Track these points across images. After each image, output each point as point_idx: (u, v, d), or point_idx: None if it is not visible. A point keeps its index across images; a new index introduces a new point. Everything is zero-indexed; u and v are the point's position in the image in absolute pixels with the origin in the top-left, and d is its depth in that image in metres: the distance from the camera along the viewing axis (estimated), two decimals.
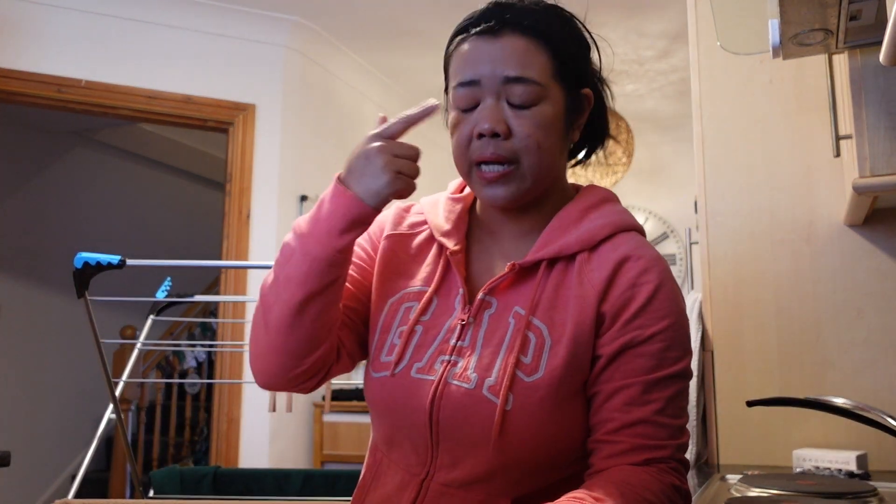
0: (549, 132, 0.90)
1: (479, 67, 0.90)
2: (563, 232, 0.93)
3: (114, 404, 1.79)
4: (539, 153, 0.90)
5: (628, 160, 3.85)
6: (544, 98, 0.90)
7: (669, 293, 0.89)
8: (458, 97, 0.91)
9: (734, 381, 1.65)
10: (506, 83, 0.89)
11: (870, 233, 1.60)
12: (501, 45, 0.90)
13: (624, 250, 0.91)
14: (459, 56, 0.93)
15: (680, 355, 0.88)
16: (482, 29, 0.91)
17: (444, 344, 0.92)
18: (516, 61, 0.89)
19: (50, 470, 4.63)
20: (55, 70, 3.03)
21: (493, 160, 0.89)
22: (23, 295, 4.54)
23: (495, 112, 0.89)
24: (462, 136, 0.92)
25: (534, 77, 0.89)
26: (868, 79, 1.13)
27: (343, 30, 3.53)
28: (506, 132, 0.88)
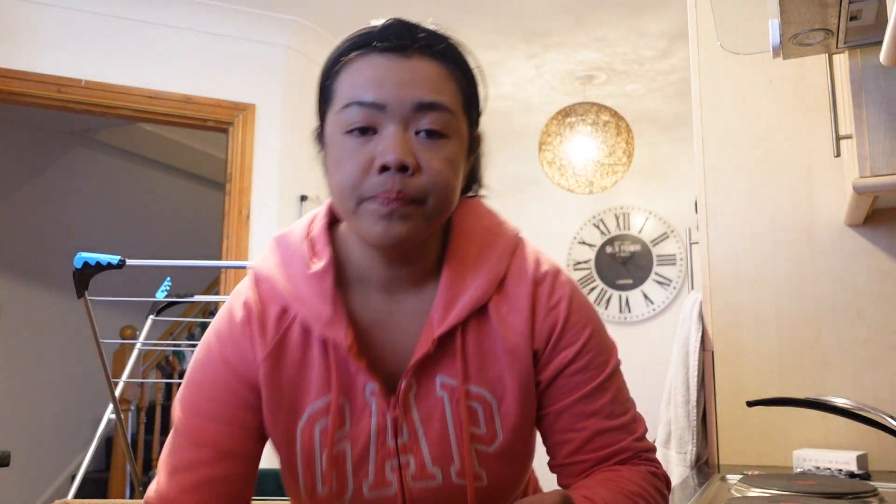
0: (456, 170, 0.80)
1: (384, 87, 0.76)
2: (462, 280, 0.83)
3: (114, 404, 1.79)
4: (445, 193, 0.78)
5: (628, 160, 3.85)
6: (454, 131, 0.80)
7: (579, 300, 0.87)
8: (353, 120, 0.77)
9: (734, 381, 1.65)
10: (417, 110, 0.77)
11: (870, 233, 1.60)
12: (412, 65, 0.78)
13: (528, 278, 0.85)
14: (357, 72, 0.79)
15: (606, 356, 0.87)
16: (390, 45, 0.78)
17: (383, 448, 0.81)
18: (431, 86, 0.78)
19: (50, 470, 4.63)
20: (55, 70, 3.02)
21: (396, 199, 0.75)
22: (23, 295, 4.54)
23: (404, 142, 0.76)
24: (355, 167, 0.76)
25: (448, 104, 0.78)
26: (868, 79, 1.13)
27: (343, 30, 3.52)
28: (414, 166, 0.76)
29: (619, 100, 4.19)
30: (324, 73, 0.84)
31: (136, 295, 2.02)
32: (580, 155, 3.83)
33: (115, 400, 1.77)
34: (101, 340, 1.66)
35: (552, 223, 4.96)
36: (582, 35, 3.48)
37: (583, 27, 3.41)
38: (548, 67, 3.84)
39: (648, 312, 4.68)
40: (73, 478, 3.44)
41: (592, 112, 3.78)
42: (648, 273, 4.71)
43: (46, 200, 4.83)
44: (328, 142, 0.81)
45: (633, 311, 4.71)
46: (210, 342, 0.86)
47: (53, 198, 4.87)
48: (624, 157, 3.82)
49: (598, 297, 4.78)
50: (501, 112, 4.46)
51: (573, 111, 3.81)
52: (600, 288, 4.79)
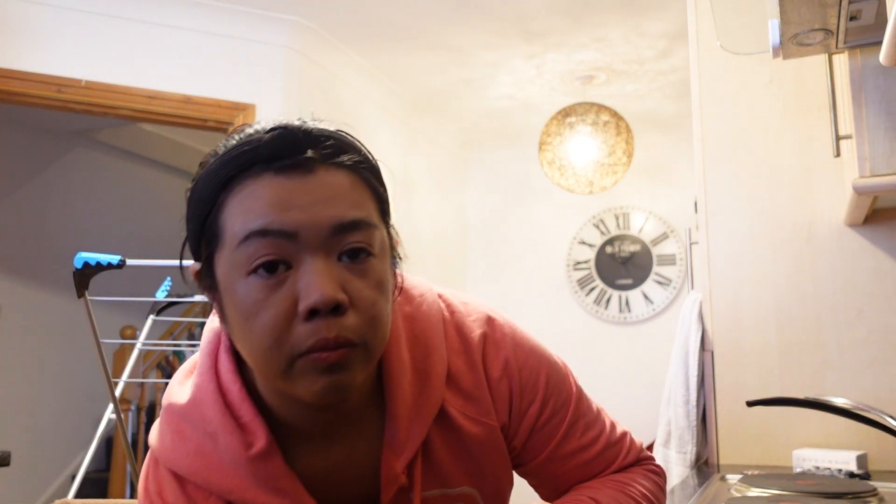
0: (388, 293, 0.68)
1: (292, 213, 0.62)
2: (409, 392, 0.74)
3: (114, 404, 1.79)
4: (382, 327, 0.66)
5: (628, 160, 3.85)
6: (379, 245, 0.67)
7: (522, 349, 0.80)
8: (257, 255, 0.62)
9: (734, 381, 1.65)
10: (336, 233, 0.63)
11: (870, 233, 1.60)
12: (321, 182, 0.64)
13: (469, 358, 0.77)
14: (252, 199, 0.63)
15: (567, 391, 0.83)
16: (288, 164, 0.63)
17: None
18: (348, 202, 0.64)
19: (50, 470, 4.63)
20: (55, 70, 3.02)
21: (335, 347, 0.62)
22: (23, 295, 4.54)
23: (330, 275, 0.62)
24: (274, 318, 0.62)
25: (370, 218, 0.65)
26: (868, 79, 1.13)
27: (343, 30, 3.53)
28: (347, 303, 0.63)
29: (619, 100, 4.19)
30: (200, 202, 0.66)
31: (136, 295, 2.02)
32: (580, 155, 3.83)
33: (115, 400, 1.77)
34: (101, 340, 1.66)
35: (552, 223, 4.96)
36: (582, 35, 3.48)
37: (583, 27, 3.41)
38: (548, 67, 3.84)
39: (648, 312, 4.68)
40: (73, 478, 3.44)
41: (592, 112, 3.78)
42: (648, 273, 4.71)
43: (46, 200, 4.83)
44: (224, 289, 0.65)
45: (633, 311, 4.71)
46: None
47: (53, 198, 4.87)
48: (624, 157, 3.82)
49: (598, 297, 4.78)
50: (501, 112, 4.46)
51: (573, 111, 3.81)
52: (600, 288, 4.79)
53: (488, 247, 5.12)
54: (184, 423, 0.71)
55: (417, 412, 0.73)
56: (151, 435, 0.75)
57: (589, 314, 4.79)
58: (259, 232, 0.61)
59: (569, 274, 4.86)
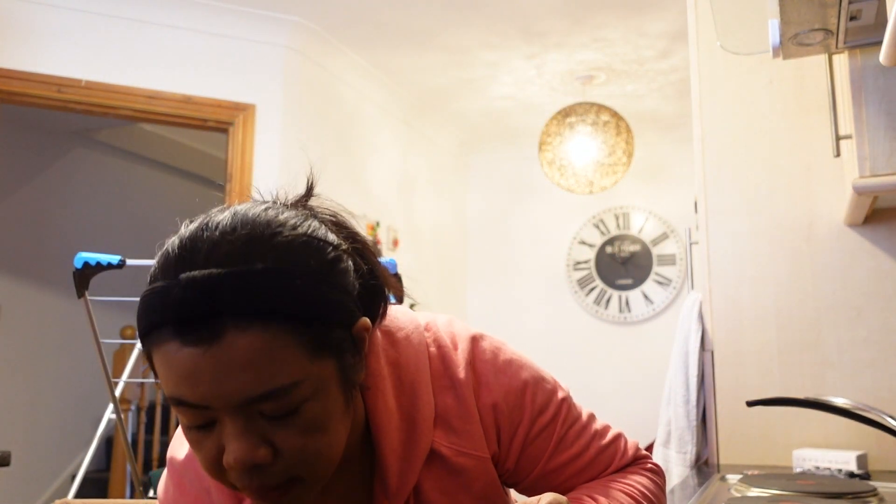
0: (327, 424, 0.65)
1: (200, 388, 0.61)
2: (397, 436, 0.74)
3: (114, 404, 1.79)
4: (322, 458, 0.65)
5: (628, 160, 3.85)
6: (312, 390, 0.63)
7: (504, 374, 0.80)
8: (184, 416, 0.64)
9: (734, 381, 1.66)
10: (249, 405, 0.61)
11: (870, 233, 1.60)
12: (228, 352, 0.60)
13: (457, 394, 0.77)
14: (164, 365, 0.63)
15: (553, 403, 0.83)
16: (191, 338, 0.60)
17: None
18: (258, 373, 0.60)
19: (50, 470, 4.63)
20: (55, 70, 3.02)
21: (264, 491, 0.64)
22: (23, 295, 4.54)
23: (246, 435, 0.62)
24: (206, 463, 0.64)
25: (287, 380, 0.61)
26: (868, 79, 1.13)
27: (343, 30, 3.53)
28: (268, 457, 0.62)
29: (619, 100, 4.19)
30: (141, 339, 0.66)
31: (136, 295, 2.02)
32: (580, 155, 3.83)
33: (115, 400, 1.77)
34: (101, 340, 1.66)
35: (552, 223, 4.96)
36: (582, 35, 3.49)
37: (583, 27, 3.41)
38: (548, 67, 3.84)
39: (648, 312, 4.68)
40: (73, 478, 3.45)
41: (592, 112, 3.78)
42: (648, 273, 4.71)
43: (46, 200, 4.83)
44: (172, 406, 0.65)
45: (633, 311, 4.71)
46: None
47: (53, 198, 4.87)
48: (624, 157, 3.82)
49: (598, 297, 4.78)
50: (501, 112, 4.46)
51: (573, 111, 3.81)
52: (600, 288, 4.79)
53: (488, 247, 5.12)
54: (182, 478, 0.76)
55: (407, 458, 0.74)
56: (159, 486, 0.79)
57: (589, 314, 4.79)
58: (179, 401, 0.63)
59: (569, 274, 4.86)
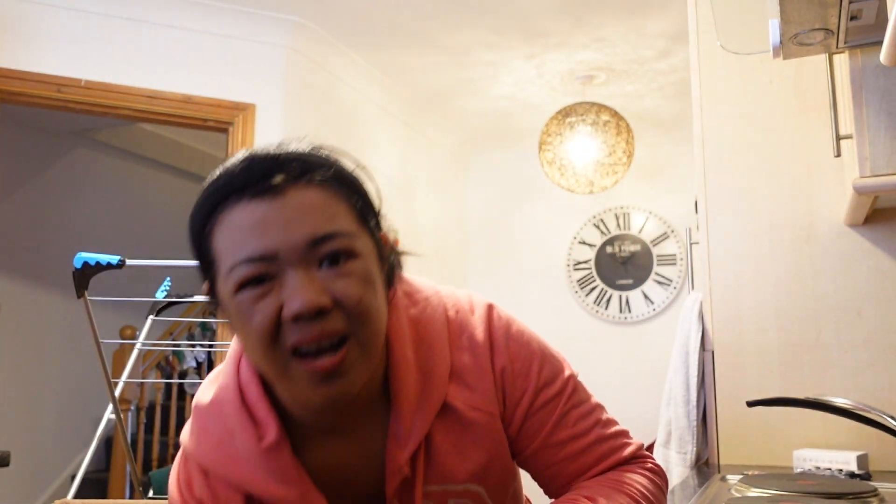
0: (374, 287, 0.72)
1: (268, 236, 0.67)
2: (413, 387, 0.78)
3: (113, 404, 1.79)
4: (374, 319, 0.71)
5: (628, 160, 3.85)
6: (360, 248, 0.71)
7: (517, 339, 0.84)
8: (245, 277, 0.68)
9: (734, 381, 1.65)
10: (312, 247, 0.68)
11: (870, 233, 1.60)
12: (290, 202, 0.69)
13: (473, 354, 0.82)
14: (232, 228, 0.69)
15: (560, 380, 0.86)
16: (258, 189, 0.69)
17: None
18: (320, 218, 0.69)
19: (50, 470, 4.63)
20: (55, 70, 3.02)
21: (322, 342, 0.68)
22: (23, 295, 4.54)
23: (309, 283, 0.67)
24: (263, 319, 0.68)
25: (344, 229, 0.70)
26: (868, 79, 1.13)
27: (343, 30, 3.53)
28: (329, 304, 0.68)
29: (619, 100, 4.19)
30: (194, 235, 0.73)
31: (136, 295, 2.02)
32: (580, 155, 3.83)
33: (115, 400, 1.77)
34: (101, 340, 1.66)
35: (552, 223, 4.96)
36: (582, 35, 3.48)
37: (583, 27, 3.41)
38: (548, 67, 3.84)
39: (648, 312, 4.68)
40: (73, 478, 3.44)
41: (592, 112, 3.78)
42: (648, 273, 4.71)
43: (46, 200, 4.83)
44: (226, 307, 0.72)
45: (633, 311, 4.71)
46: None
47: (53, 198, 4.87)
48: (624, 157, 3.82)
49: (598, 297, 4.78)
50: (501, 112, 4.46)
51: (573, 111, 3.81)
52: (600, 288, 4.79)
53: (488, 247, 5.12)
54: (207, 421, 0.79)
55: (421, 407, 0.78)
56: (182, 433, 0.82)
57: (589, 314, 4.79)
58: (245, 261, 0.68)
59: (569, 274, 4.86)
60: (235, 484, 0.75)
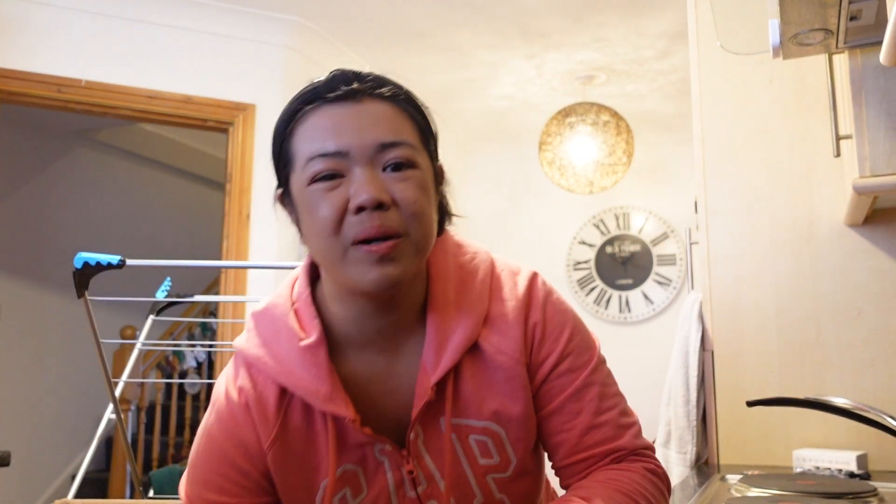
0: (428, 198, 0.81)
1: (344, 135, 0.77)
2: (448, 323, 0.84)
3: (114, 404, 1.79)
4: (425, 221, 0.80)
5: (628, 160, 3.85)
6: (419, 163, 0.81)
7: (556, 305, 0.89)
8: (318, 171, 0.77)
9: (734, 381, 1.65)
10: (380, 151, 0.78)
11: (870, 233, 1.60)
12: (366, 109, 0.79)
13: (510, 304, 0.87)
14: (313, 126, 0.79)
15: (588, 355, 0.90)
16: (341, 94, 0.79)
17: (405, 500, 0.85)
18: (388, 126, 0.79)
19: (50, 470, 4.63)
20: (55, 70, 3.02)
21: (380, 234, 0.76)
22: (23, 295, 4.54)
23: (374, 180, 0.77)
24: (331, 213, 0.76)
25: (408, 140, 0.80)
26: (868, 79, 1.13)
27: (343, 30, 3.53)
28: (389, 201, 0.77)
29: (619, 100, 4.19)
30: (277, 136, 0.83)
31: (136, 295, 2.02)
32: (580, 155, 3.83)
33: (115, 400, 1.77)
34: (101, 340, 1.66)
35: (552, 223, 4.96)
36: (582, 35, 3.48)
37: (583, 27, 3.41)
38: (548, 67, 3.84)
39: (648, 312, 4.68)
40: (73, 478, 3.44)
41: (592, 112, 3.78)
42: (648, 273, 4.71)
43: (46, 200, 4.83)
44: (296, 201, 0.81)
45: (633, 311, 4.71)
46: (212, 433, 0.87)
47: (53, 198, 4.87)
48: (624, 157, 3.82)
49: (598, 297, 4.78)
50: (501, 112, 4.46)
51: (573, 111, 3.81)
52: (600, 288, 4.79)
53: (488, 246, 5.11)
54: (259, 322, 0.88)
55: (452, 340, 0.83)
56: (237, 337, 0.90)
57: (589, 314, 4.79)
58: (320, 155, 0.77)
59: (569, 274, 4.86)
60: (273, 376, 0.83)
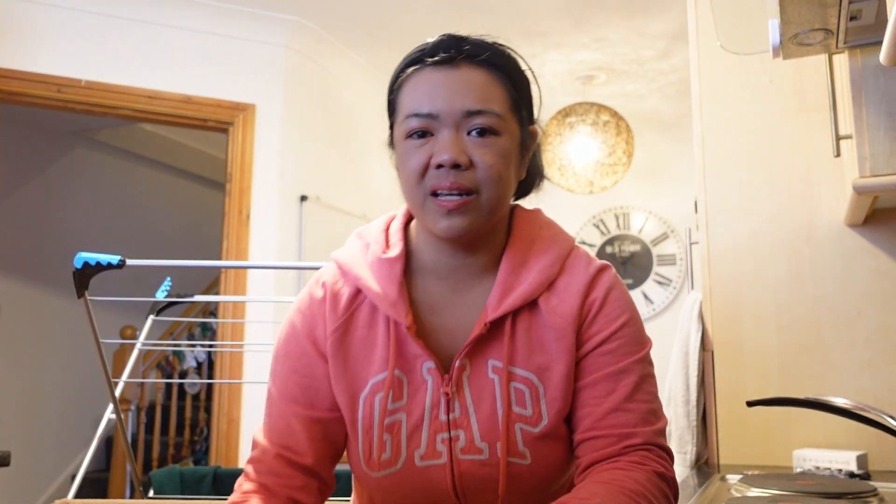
0: (507, 164, 0.90)
1: (437, 100, 0.88)
2: (517, 277, 0.92)
3: (114, 404, 1.78)
4: (499, 184, 0.88)
5: (628, 160, 3.85)
6: (504, 130, 0.89)
7: (620, 294, 0.95)
8: (412, 128, 0.89)
9: (734, 381, 1.65)
10: (466, 116, 0.87)
11: (870, 233, 1.60)
12: (460, 76, 0.88)
13: (579, 280, 0.93)
14: (413, 87, 0.90)
15: (638, 347, 0.93)
16: (439, 59, 0.89)
17: (436, 422, 0.90)
18: (477, 94, 0.88)
19: (50, 470, 4.63)
20: (55, 70, 3.03)
21: (452, 190, 0.86)
22: (23, 295, 4.54)
23: (456, 143, 0.87)
24: (416, 165, 0.88)
25: (494, 109, 0.88)
26: (868, 79, 1.13)
27: (343, 30, 3.53)
28: (467, 163, 0.87)
29: (619, 100, 4.19)
30: (389, 88, 0.95)
31: (136, 295, 2.02)
32: (580, 155, 3.83)
33: (115, 400, 1.77)
34: (101, 340, 1.66)
35: None
36: (582, 35, 3.48)
37: (583, 27, 3.41)
38: (548, 67, 3.84)
39: (648, 312, 4.68)
40: (73, 478, 3.44)
41: (592, 112, 3.78)
42: (648, 273, 4.71)
43: (46, 200, 4.83)
44: (396, 146, 0.93)
45: None
46: (292, 320, 0.98)
47: (53, 198, 4.87)
48: (624, 157, 3.82)
49: None
50: None
51: (573, 111, 3.81)
52: None
53: None
54: (356, 236, 1.01)
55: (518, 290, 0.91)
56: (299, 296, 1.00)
57: None
58: (415, 114, 0.88)
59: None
60: (352, 278, 0.95)
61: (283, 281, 3.41)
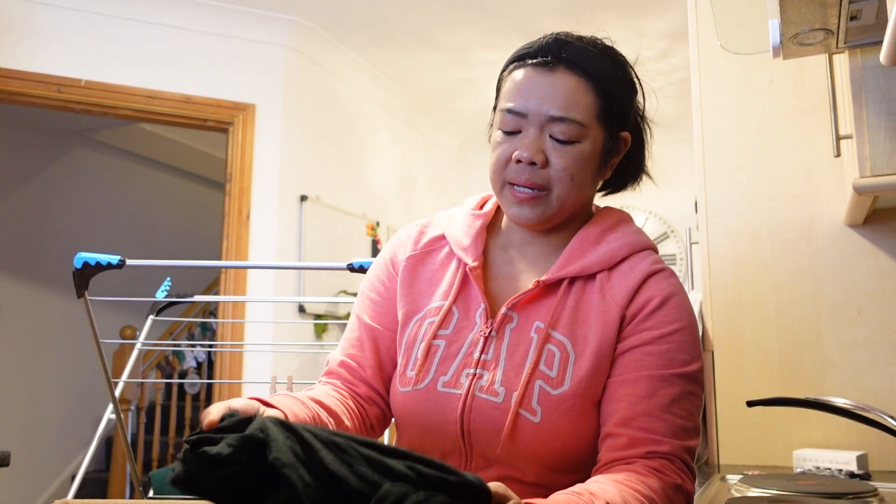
0: (583, 167, 0.95)
1: (528, 100, 0.94)
2: (584, 252, 0.98)
3: (114, 404, 1.78)
4: (570, 185, 0.95)
5: None
6: (585, 137, 0.94)
7: (681, 302, 0.96)
8: (504, 121, 0.96)
9: (734, 381, 1.65)
10: (550, 121, 0.93)
11: (870, 233, 1.60)
12: (553, 81, 0.94)
13: (642, 269, 0.96)
14: (512, 83, 0.97)
15: (689, 359, 0.92)
16: (538, 62, 0.95)
17: (468, 357, 0.96)
18: (563, 101, 0.93)
19: (50, 470, 4.63)
20: (55, 70, 3.03)
21: (525, 184, 0.94)
22: (23, 295, 4.54)
23: (536, 143, 0.94)
24: (501, 156, 0.96)
25: (577, 118, 0.93)
26: (868, 79, 1.13)
27: (343, 30, 3.53)
28: (543, 163, 0.94)
29: None
30: (501, 73, 1.02)
31: (136, 295, 2.02)
32: None
33: (115, 400, 1.77)
34: (101, 340, 1.66)
35: None
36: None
37: (583, 27, 3.41)
38: None
39: None
40: (73, 478, 3.45)
41: None
42: None
43: (46, 200, 4.83)
44: (493, 129, 1.01)
45: None
46: (384, 249, 1.11)
47: (53, 198, 4.87)
48: None
49: None
50: None
51: None
52: None
53: None
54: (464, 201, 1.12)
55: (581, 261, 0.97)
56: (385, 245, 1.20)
57: None
58: (508, 109, 0.96)
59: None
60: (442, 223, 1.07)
61: (283, 281, 3.41)
